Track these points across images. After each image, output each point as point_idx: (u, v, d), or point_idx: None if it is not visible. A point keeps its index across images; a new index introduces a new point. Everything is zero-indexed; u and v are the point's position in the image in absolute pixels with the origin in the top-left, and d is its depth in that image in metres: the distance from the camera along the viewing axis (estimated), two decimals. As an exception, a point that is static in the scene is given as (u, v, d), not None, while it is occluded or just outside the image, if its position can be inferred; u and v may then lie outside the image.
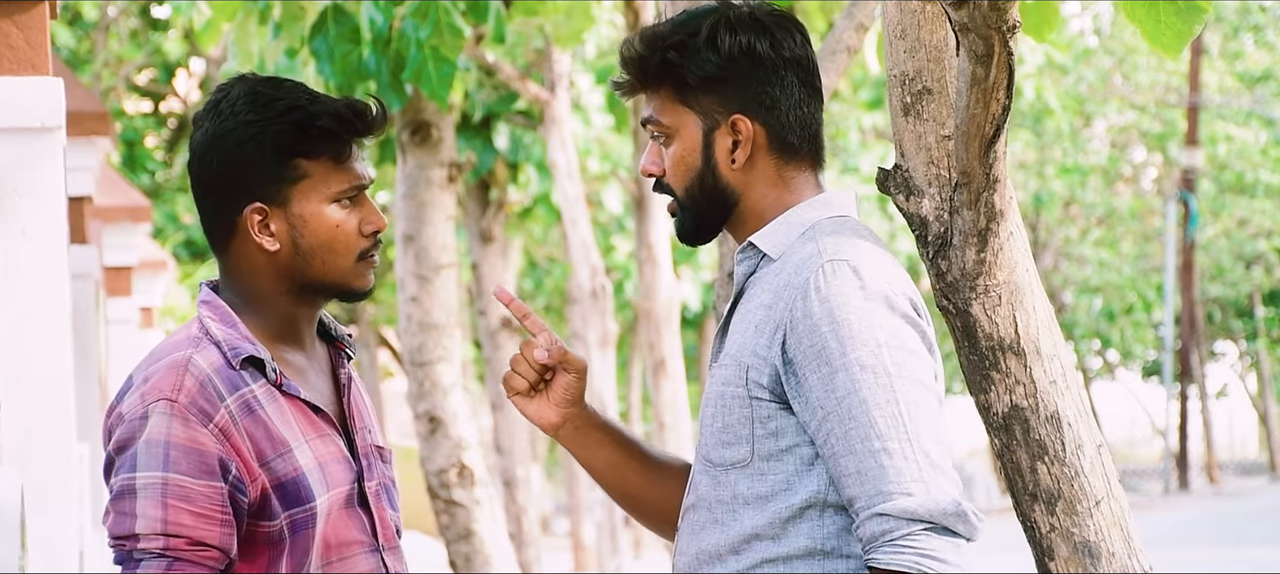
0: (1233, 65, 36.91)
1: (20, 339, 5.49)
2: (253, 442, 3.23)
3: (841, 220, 3.29)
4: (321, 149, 3.27)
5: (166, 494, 3.15)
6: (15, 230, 5.49)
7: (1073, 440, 3.49)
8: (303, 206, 3.28)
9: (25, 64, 5.49)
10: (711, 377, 3.31)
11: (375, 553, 3.34)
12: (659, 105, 3.31)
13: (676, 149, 3.31)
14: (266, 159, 3.26)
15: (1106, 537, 3.48)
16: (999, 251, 3.45)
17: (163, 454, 3.16)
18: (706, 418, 3.29)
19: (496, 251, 18.50)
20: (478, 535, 10.07)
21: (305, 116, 3.27)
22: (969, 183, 3.40)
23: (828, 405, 3.14)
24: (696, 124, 3.30)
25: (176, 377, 3.21)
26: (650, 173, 3.34)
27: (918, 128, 3.46)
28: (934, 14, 3.46)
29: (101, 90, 24.30)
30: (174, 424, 3.18)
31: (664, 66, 3.30)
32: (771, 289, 3.24)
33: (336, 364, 3.42)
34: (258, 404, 3.25)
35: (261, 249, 3.29)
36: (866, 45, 7.99)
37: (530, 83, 13.33)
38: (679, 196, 3.32)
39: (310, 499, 3.25)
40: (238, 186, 3.28)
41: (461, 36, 8.38)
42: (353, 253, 3.31)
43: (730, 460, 3.25)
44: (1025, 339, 3.48)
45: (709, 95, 3.29)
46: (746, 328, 3.25)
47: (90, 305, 10.20)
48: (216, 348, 3.25)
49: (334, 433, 3.34)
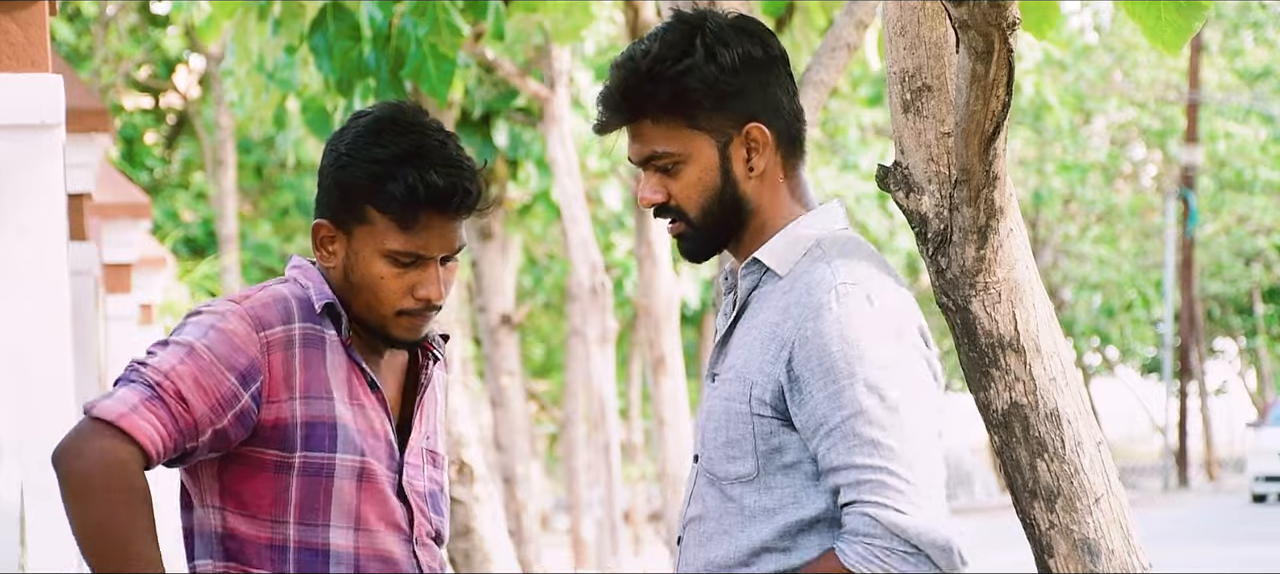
0: (1232, 62, 36.92)
1: (20, 336, 5.49)
2: (302, 370, 3.36)
3: (847, 239, 3.29)
4: (390, 208, 3.36)
5: (190, 356, 3.29)
6: (15, 227, 5.49)
7: (1072, 437, 3.49)
8: (361, 245, 3.40)
9: (25, 60, 5.49)
10: (712, 389, 3.31)
11: (408, 543, 3.42)
12: (664, 135, 3.27)
13: (690, 172, 3.27)
14: (346, 193, 3.39)
15: (1106, 534, 3.48)
16: (998, 248, 3.45)
17: (204, 330, 3.32)
18: (709, 431, 3.29)
19: (496, 248, 18.50)
20: (477, 532, 10.07)
21: (383, 174, 3.36)
22: (969, 180, 3.40)
23: (831, 421, 3.15)
24: (711, 143, 3.27)
25: (252, 293, 3.40)
26: (655, 203, 3.30)
27: (918, 124, 3.46)
28: (934, 11, 3.46)
29: (101, 87, 24.30)
30: (228, 317, 3.33)
31: (673, 95, 3.25)
32: (779, 307, 3.23)
33: (419, 364, 3.50)
34: (321, 345, 3.38)
35: (321, 260, 3.43)
36: (866, 42, 7.99)
37: (530, 80, 13.33)
38: (693, 218, 3.29)
39: (332, 450, 3.35)
40: (325, 199, 3.43)
41: (461, 33, 8.38)
42: (392, 308, 3.40)
43: (735, 475, 3.26)
44: (1025, 336, 3.48)
45: (720, 112, 3.26)
46: (751, 343, 3.25)
47: (90, 302, 10.20)
48: (303, 289, 3.41)
49: (381, 415, 3.42)
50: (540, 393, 36.21)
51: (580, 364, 20.21)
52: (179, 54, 27.31)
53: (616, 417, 14.83)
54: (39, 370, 5.51)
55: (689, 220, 3.29)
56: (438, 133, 3.41)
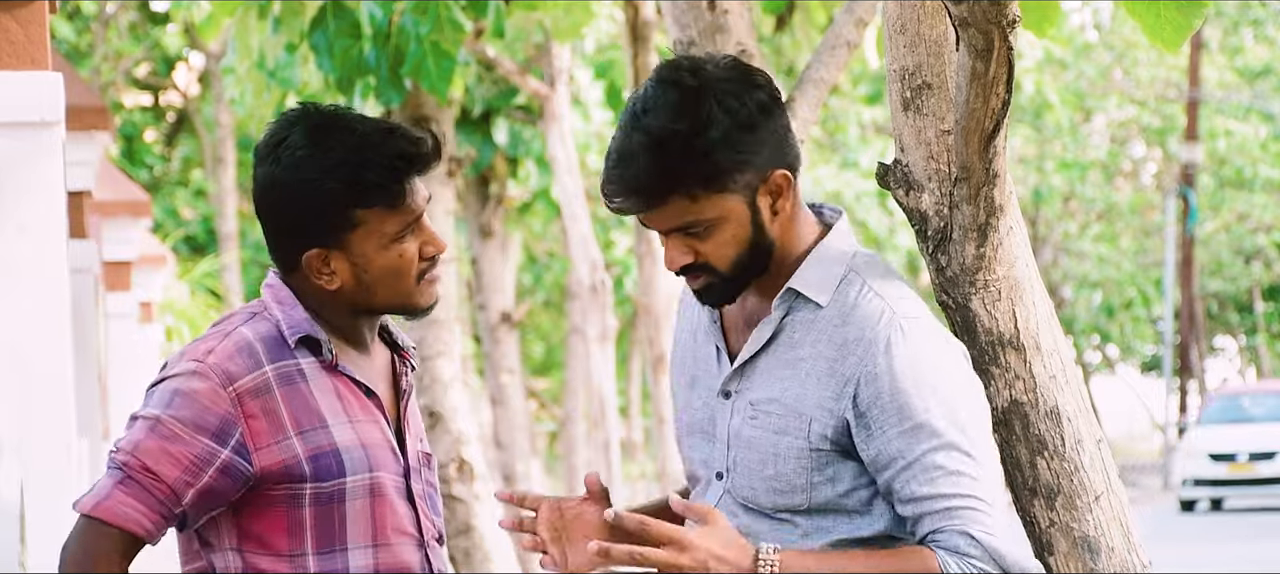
0: (1232, 60, 36.93)
1: (20, 334, 5.49)
2: (288, 408, 3.34)
3: (875, 261, 3.33)
4: (374, 200, 3.34)
5: (153, 430, 3.32)
6: (14, 225, 5.49)
7: (1072, 435, 3.49)
8: (363, 247, 3.37)
9: (25, 58, 5.49)
10: (742, 414, 3.32)
11: (421, 548, 3.43)
12: (695, 207, 3.23)
13: (723, 233, 3.25)
14: (322, 212, 3.34)
15: (1106, 532, 3.48)
16: (998, 246, 3.45)
17: (169, 398, 3.33)
18: (749, 461, 3.31)
19: (496, 246, 18.50)
20: (477, 530, 10.07)
21: (355, 172, 3.32)
22: (969, 177, 3.40)
23: (910, 455, 3.21)
24: (740, 201, 3.24)
25: (215, 342, 3.36)
26: (684, 264, 3.27)
27: (917, 122, 3.46)
28: (934, 9, 3.46)
29: (101, 84, 24.30)
30: (193, 379, 3.32)
31: (704, 172, 3.21)
32: (833, 342, 3.26)
33: (398, 371, 3.50)
34: (301, 378, 3.36)
35: (323, 286, 3.38)
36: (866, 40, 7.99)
37: (530, 77, 13.33)
38: (724, 272, 3.27)
39: (341, 475, 3.35)
40: (297, 232, 3.36)
41: (461, 31, 8.37)
42: (414, 276, 3.40)
43: (784, 506, 3.30)
44: (1025, 334, 3.48)
45: (746, 170, 3.23)
46: (802, 378, 3.27)
47: (90, 300, 10.20)
48: (272, 322, 3.38)
49: (383, 421, 3.42)
50: (540, 391, 36.20)
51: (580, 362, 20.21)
52: (179, 52, 27.30)
53: (616, 415, 14.83)
54: (39, 368, 5.51)
55: (719, 274, 3.27)
56: (354, 114, 3.41)
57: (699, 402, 3.41)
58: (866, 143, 29.09)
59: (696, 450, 3.43)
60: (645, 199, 3.22)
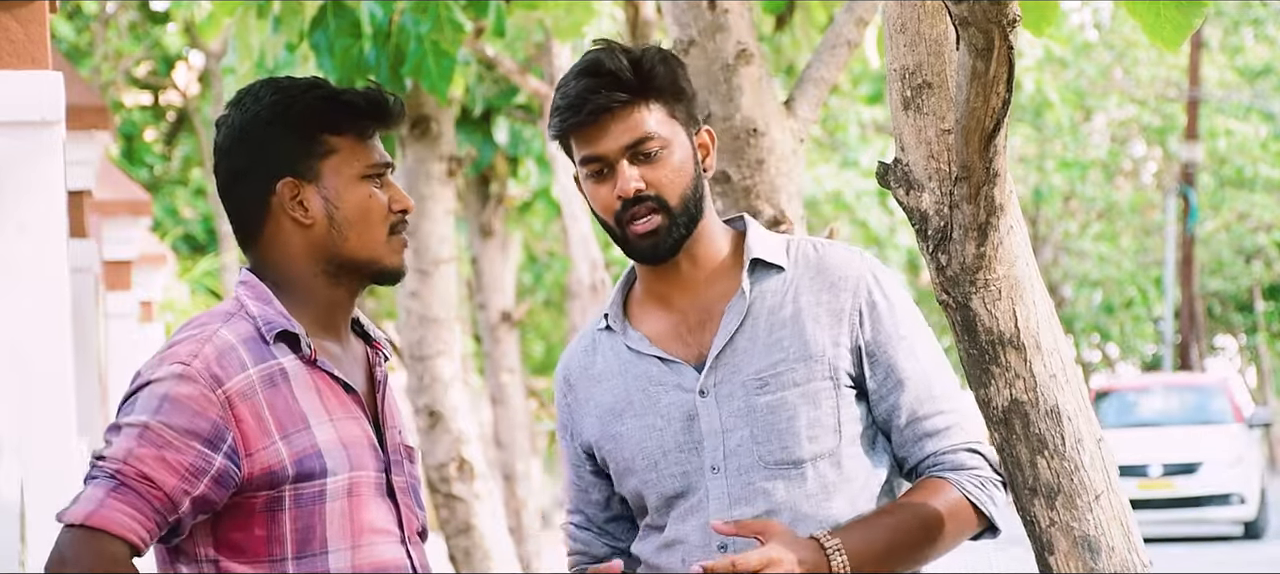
0: (1233, 60, 36.93)
1: (20, 334, 5.49)
2: (272, 412, 3.26)
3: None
4: (346, 125, 3.32)
5: (143, 436, 3.20)
6: (14, 225, 5.49)
7: (1072, 435, 3.49)
8: (335, 180, 3.32)
9: (25, 58, 5.49)
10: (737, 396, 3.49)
11: (402, 545, 3.37)
12: (655, 118, 3.49)
13: (675, 159, 3.49)
14: (295, 134, 3.31)
15: (1106, 531, 3.48)
16: (999, 246, 3.45)
17: (156, 404, 3.21)
18: (775, 424, 3.48)
19: (496, 246, 18.50)
20: (477, 530, 10.08)
21: (330, 92, 3.33)
22: (969, 177, 3.40)
23: (914, 375, 3.50)
24: (686, 135, 3.53)
25: (197, 345, 3.26)
26: (638, 190, 3.47)
27: (918, 122, 3.46)
28: (934, 8, 3.46)
29: (101, 84, 24.29)
30: (179, 383, 3.22)
31: (671, 79, 3.51)
32: (818, 287, 3.52)
33: (372, 363, 3.45)
34: (283, 378, 3.28)
35: (297, 225, 3.32)
36: (867, 39, 7.99)
37: (530, 77, 13.32)
38: (674, 207, 3.48)
39: (321, 476, 3.27)
40: (269, 165, 3.32)
41: (461, 30, 8.37)
42: (385, 227, 3.34)
43: (814, 453, 3.48)
44: (1025, 333, 3.48)
45: (687, 109, 3.54)
46: (798, 329, 3.50)
47: (90, 300, 10.20)
48: (250, 321, 3.30)
49: (363, 417, 3.36)
50: (540, 390, 36.20)
51: (580, 361, 20.17)
52: (179, 51, 27.30)
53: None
54: (39, 368, 5.51)
55: (670, 210, 3.48)
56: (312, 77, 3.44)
57: (659, 422, 3.53)
58: (867, 142, 29.10)
59: (671, 467, 3.53)
60: (621, 91, 3.46)
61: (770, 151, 5.35)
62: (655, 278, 3.57)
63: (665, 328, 3.56)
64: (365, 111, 3.33)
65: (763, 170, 5.34)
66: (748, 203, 5.35)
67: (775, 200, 5.36)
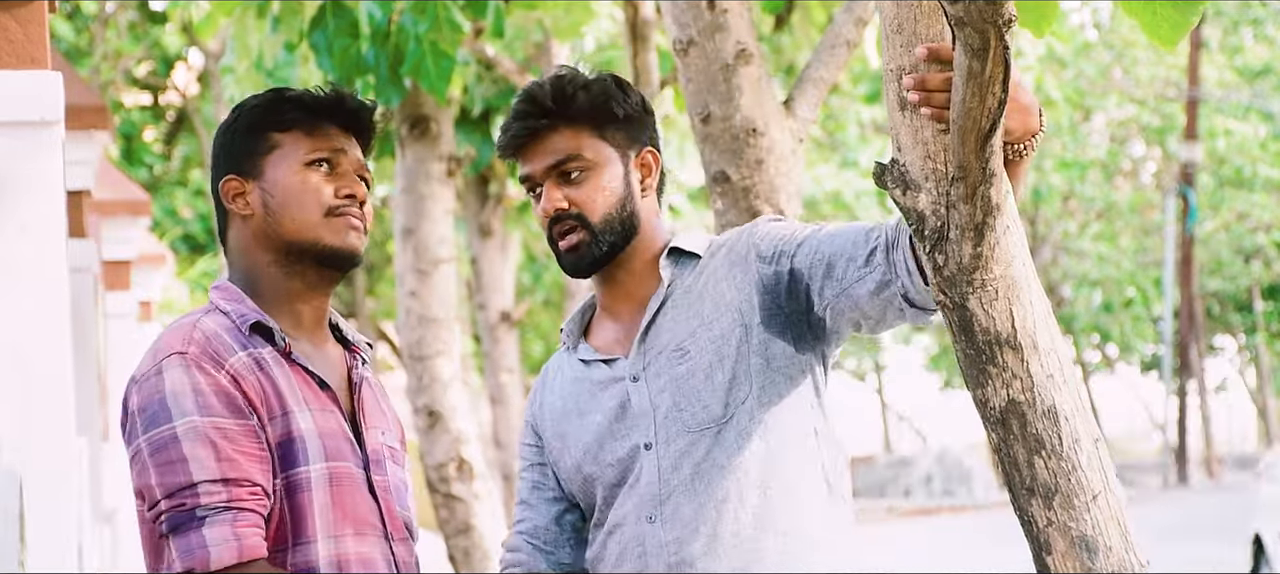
0: (1232, 60, 36.92)
1: (19, 333, 5.49)
2: (262, 395, 3.28)
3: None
4: (292, 122, 3.41)
5: (210, 435, 3.15)
6: (14, 225, 5.49)
7: (1070, 435, 3.49)
8: (274, 173, 3.40)
9: (24, 58, 5.49)
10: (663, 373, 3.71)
11: (384, 541, 3.37)
12: (578, 142, 3.73)
13: (598, 179, 3.72)
14: (243, 136, 3.42)
15: (1104, 531, 3.48)
16: (995, 246, 3.45)
17: (192, 399, 3.18)
18: (693, 386, 3.68)
19: (495, 246, 18.51)
20: (477, 530, 10.08)
21: (277, 97, 3.43)
22: (965, 177, 3.41)
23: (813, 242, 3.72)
24: (617, 157, 3.75)
25: (186, 334, 3.28)
26: (559, 209, 3.70)
27: (914, 122, 3.46)
28: (930, 8, 3.46)
29: (100, 84, 24.29)
30: (192, 372, 3.21)
31: (591, 103, 3.73)
32: (720, 259, 3.77)
33: (350, 366, 3.47)
34: (264, 364, 3.31)
35: (241, 220, 3.40)
36: (866, 39, 7.99)
37: (529, 77, 13.32)
38: (595, 225, 3.72)
39: (304, 463, 3.28)
40: (219, 169, 3.44)
41: (460, 31, 8.38)
42: (320, 208, 3.39)
43: (732, 406, 3.67)
44: (1022, 333, 3.48)
45: (625, 132, 3.76)
46: (709, 296, 3.73)
47: (89, 300, 10.20)
48: (225, 315, 3.35)
49: (339, 414, 3.38)
50: (540, 390, 36.15)
51: (580, 361, 20.18)
52: (178, 51, 27.30)
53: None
54: (38, 368, 5.51)
55: (590, 227, 3.72)
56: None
57: (598, 416, 3.76)
58: (866, 142, 29.09)
59: (609, 455, 3.74)
60: (540, 119, 3.71)
61: (769, 151, 5.35)
62: (601, 292, 3.84)
63: (611, 337, 3.81)
64: (312, 107, 3.41)
65: (762, 170, 5.35)
66: (747, 202, 5.36)
67: (774, 200, 5.36)
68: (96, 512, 10.02)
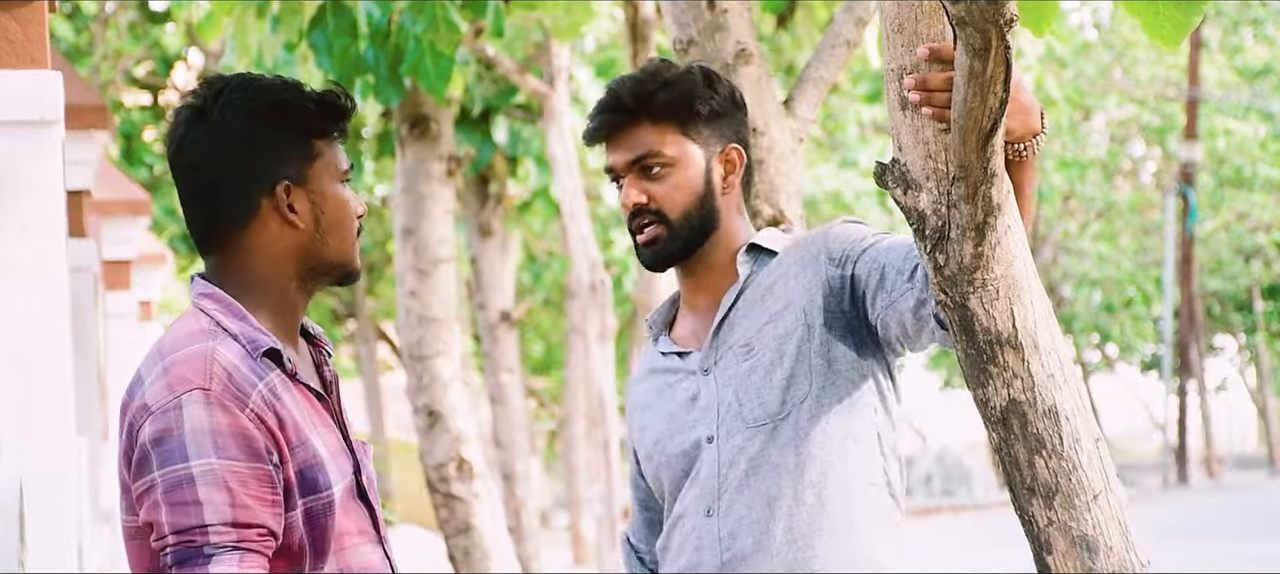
0: (1232, 60, 36.91)
1: (19, 333, 5.49)
2: (282, 428, 3.20)
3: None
4: (332, 130, 3.30)
5: (227, 480, 3.10)
6: (14, 225, 5.49)
7: (1070, 434, 3.49)
8: (318, 182, 3.28)
9: (24, 57, 5.49)
10: (729, 367, 3.76)
11: (378, 545, 3.34)
12: (659, 138, 3.76)
13: (677, 176, 3.76)
14: (290, 137, 3.26)
15: (1104, 531, 3.48)
16: (996, 245, 3.45)
17: (211, 441, 3.12)
18: (753, 383, 3.73)
19: (495, 246, 18.51)
20: (477, 529, 10.07)
21: (315, 96, 3.28)
22: (966, 176, 3.40)
23: (874, 251, 3.77)
24: (699, 153, 3.79)
25: (204, 365, 3.16)
26: (639, 204, 3.75)
27: (915, 121, 3.46)
28: (931, 8, 3.46)
29: (100, 83, 24.29)
30: (214, 412, 3.13)
31: (673, 101, 3.76)
32: (793, 257, 3.80)
33: (319, 363, 3.41)
34: (277, 392, 3.22)
35: (286, 228, 3.26)
36: (867, 39, 7.99)
37: (529, 76, 13.33)
38: (673, 221, 3.76)
39: (328, 486, 3.24)
40: (263, 167, 3.24)
41: (457, 31, 8.37)
42: (355, 231, 3.34)
43: (790, 404, 3.72)
44: (1023, 333, 3.48)
45: (709, 128, 3.80)
46: (778, 294, 3.77)
47: (89, 299, 10.20)
48: (235, 341, 3.22)
49: (333, 423, 3.34)
50: (540, 390, 36.20)
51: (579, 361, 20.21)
52: (178, 51, 27.28)
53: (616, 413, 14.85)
54: (38, 368, 5.51)
55: (668, 222, 3.76)
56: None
57: (671, 407, 3.82)
58: (866, 142, 29.08)
59: (675, 447, 3.80)
60: (620, 114, 3.75)
61: (769, 151, 5.35)
62: (683, 285, 3.88)
63: (689, 330, 3.86)
64: (344, 115, 3.31)
65: (762, 170, 5.35)
66: (747, 202, 5.36)
67: (774, 200, 5.36)
68: (96, 512, 10.02)
